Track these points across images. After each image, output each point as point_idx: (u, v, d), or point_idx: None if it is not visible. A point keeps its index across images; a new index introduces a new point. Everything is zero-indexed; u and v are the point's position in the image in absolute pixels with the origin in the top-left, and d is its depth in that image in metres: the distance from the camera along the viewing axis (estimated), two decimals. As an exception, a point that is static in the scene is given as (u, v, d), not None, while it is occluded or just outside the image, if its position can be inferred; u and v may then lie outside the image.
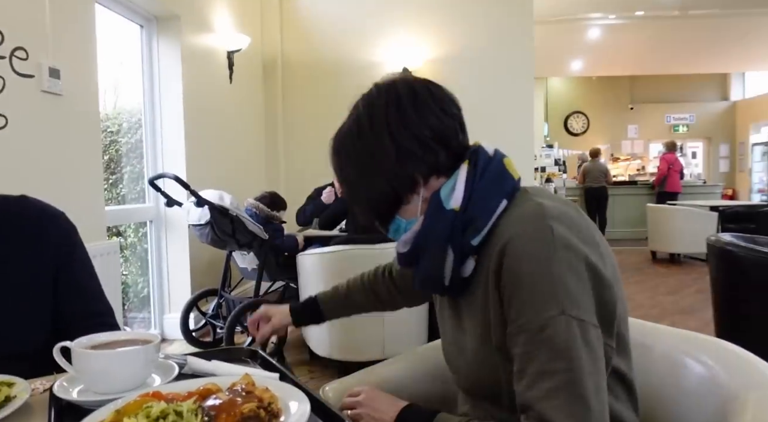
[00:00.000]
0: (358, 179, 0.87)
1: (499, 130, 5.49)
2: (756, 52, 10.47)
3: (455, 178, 0.83)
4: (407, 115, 0.83)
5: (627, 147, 12.92)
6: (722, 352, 0.99)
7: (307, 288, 3.08)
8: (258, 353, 0.99)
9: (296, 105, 5.57)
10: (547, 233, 0.74)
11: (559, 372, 0.69)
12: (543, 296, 0.72)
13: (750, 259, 2.79)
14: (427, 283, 0.88)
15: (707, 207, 6.85)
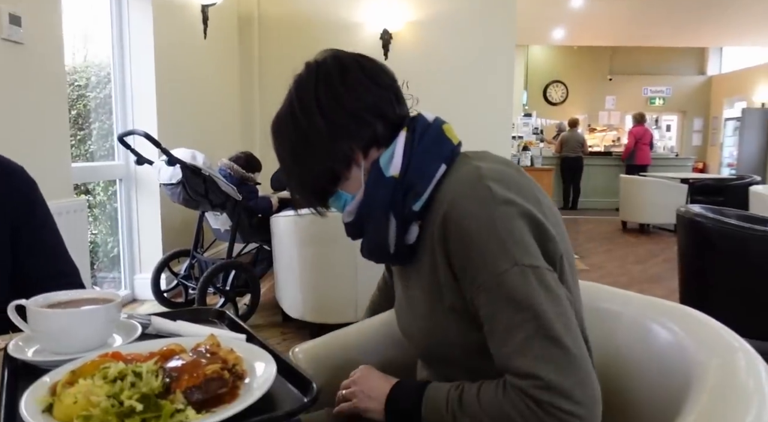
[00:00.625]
0: (294, 161, 0.87)
1: (479, 96, 5.47)
2: (734, 26, 10.52)
3: (394, 146, 0.83)
4: (337, 91, 0.83)
5: (604, 118, 13.00)
6: (688, 319, 1.01)
7: (281, 251, 3.06)
8: (226, 314, 0.97)
9: (273, 64, 5.42)
10: (485, 192, 0.75)
11: (525, 323, 0.70)
12: (493, 253, 0.72)
13: (717, 230, 2.85)
14: (373, 252, 0.89)
15: (678, 179, 6.97)
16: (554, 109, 12.76)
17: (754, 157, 10.60)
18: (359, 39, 5.42)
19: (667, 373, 0.96)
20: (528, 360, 0.68)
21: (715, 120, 12.62)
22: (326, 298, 2.89)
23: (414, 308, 0.91)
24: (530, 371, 0.68)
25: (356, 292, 2.87)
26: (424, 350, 0.94)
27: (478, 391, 0.75)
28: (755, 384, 0.82)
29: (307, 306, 2.92)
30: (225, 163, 3.50)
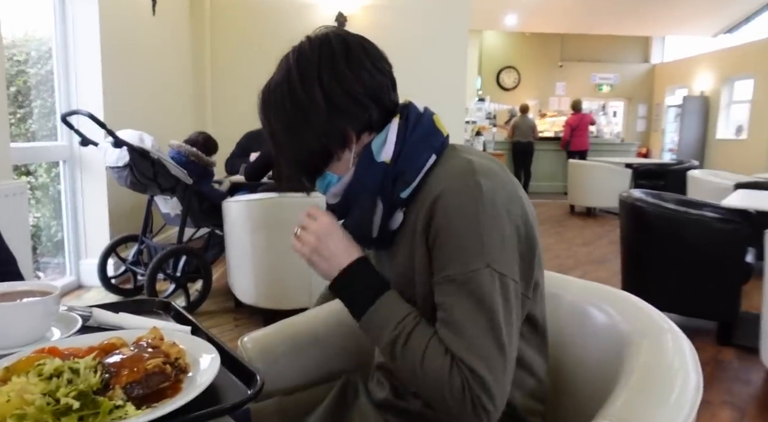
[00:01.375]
0: (287, 134, 0.84)
1: (433, 81, 5.48)
2: (676, 17, 10.89)
3: (386, 132, 0.84)
4: (340, 71, 0.82)
5: (555, 103, 13.28)
6: (622, 302, 1.06)
7: (234, 236, 3.02)
8: (171, 305, 0.95)
9: (225, 44, 5.29)
10: (476, 188, 0.77)
11: (480, 322, 0.74)
12: (470, 249, 0.75)
13: (655, 214, 2.99)
14: (354, 235, 0.88)
15: (623, 164, 7.22)
16: (507, 95, 12.94)
17: (693, 142, 11.08)
18: (313, 21, 5.33)
19: (602, 353, 1.01)
20: (476, 358, 0.73)
21: (658, 107, 13.09)
22: (279, 284, 2.88)
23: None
24: (476, 369, 0.72)
25: (310, 278, 2.86)
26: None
27: (427, 346, 0.76)
28: (680, 363, 0.88)
29: (260, 292, 2.90)
30: (187, 148, 3.38)
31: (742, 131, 10.17)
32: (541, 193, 9.56)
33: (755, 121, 9.69)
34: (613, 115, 13.44)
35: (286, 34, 3.66)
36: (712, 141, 10.94)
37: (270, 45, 6.06)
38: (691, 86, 11.70)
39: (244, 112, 3.58)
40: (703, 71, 11.38)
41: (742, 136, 10.13)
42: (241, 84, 5.27)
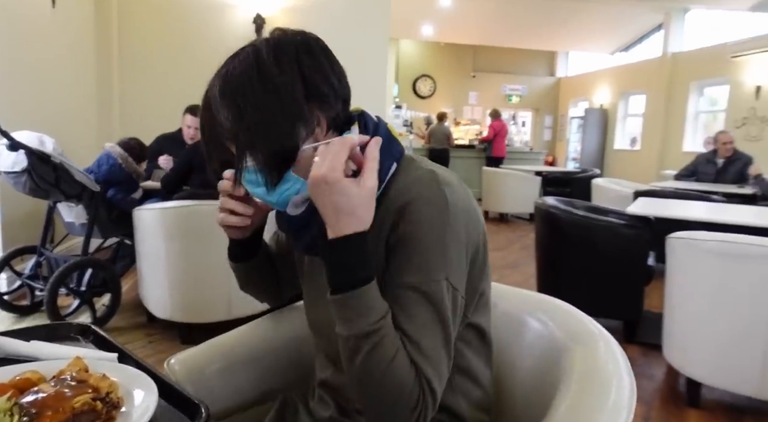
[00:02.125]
0: (260, 122, 0.75)
1: (354, 87, 5.46)
2: (578, 35, 11.65)
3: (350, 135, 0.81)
4: (318, 59, 0.79)
5: (468, 112, 13.74)
6: (556, 310, 1.09)
7: (146, 246, 2.84)
8: (91, 329, 0.86)
9: (135, 42, 4.99)
10: (442, 199, 0.76)
11: (437, 334, 0.74)
12: (434, 260, 0.75)
13: (567, 220, 3.14)
14: (312, 244, 0.83)
15: (533, 172, 7.58)
16: (423, 102, 13.23)
17: (594, 152, 11.86)
18: (230, 21, 5.17)
19: (539, 362, 1.03)
20: (429, 367, 0.72)
21: (562, 118, 13.90)
22: (197, 296, 2.74)
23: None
24: (429, 378, 0.72)
25: (230, 289, 2.74)
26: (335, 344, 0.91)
27: (396, 353, 0.72)
28: (614, 367, 0.91)
29: (176, 305, 2.74)
30: (118, 152, 3.13)
31: (636, 142, 11.02)
32: (456, 199, 9.82)
33: (647, 133, 10.52)
34: (522, 124, 14.11)
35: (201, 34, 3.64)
36: (611, 151, 11.75)
37: (184, 45, 5.86)
38: (592, 99, 12.53)
39: (156, 113, 3.42)
40: (603, 86, 12.22)
41: (636, 147, 10.97)
42: (152, 84, 5.01)
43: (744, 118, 8.26)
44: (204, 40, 5.11)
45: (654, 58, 10.41)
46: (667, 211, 3.07)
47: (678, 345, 2.35)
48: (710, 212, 3.14)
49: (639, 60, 11.23)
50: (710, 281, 2.20)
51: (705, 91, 9.62)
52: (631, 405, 0.81)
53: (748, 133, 8.05)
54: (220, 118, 0.78)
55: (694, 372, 2.27)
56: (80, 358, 0.65)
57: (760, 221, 2.86)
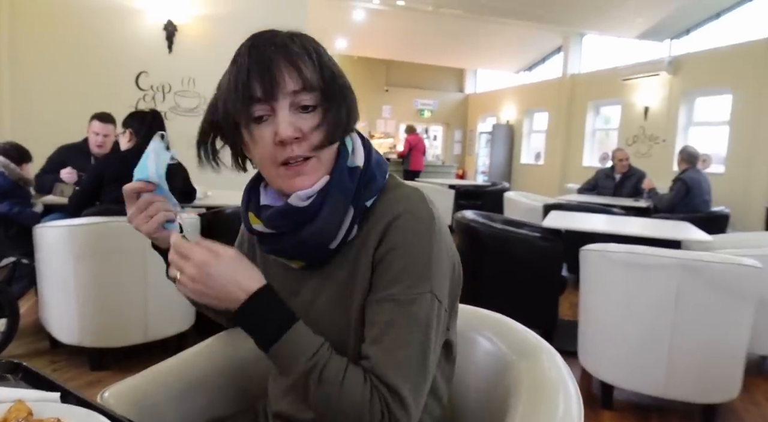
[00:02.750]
0: (344, 84, 0.81)
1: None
2: (486, 53, 12.23)
3: (351, 141, 0.83)
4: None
5: (381, 126, 13.95)
6: (502, 326, 1.13)
7: (50, 266, 2.62)
8: (21, 365, 0.78)
9: (28, 49, 4.60)
10: (431, 215, 0.78)
11: (414, 344, 0.74)
12: (419, 273, 0.75)
13: (487, 233, 3.26)
14: (309, 247, 0.79)
15: (447, 185, 7.81)
16: (337, 115, 13.27)
17: (501, 166, 12.43)
18: (139, 27, 4.93)
19: (488, 378, 1.05)
20: (401, 377, 0.72)
21: (471, 132, 14.48)
22: (110, 319, 2.56)
23: (314, 316, 0.82)
24: (398, 389, 0.71)
25: (146, 310, 2.59)
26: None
27: (344, 375, 0.72)
28: (558, 378, 0.95)
29: (85, 330, 2.54)
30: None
31: (540, 157, 11.68)
32: (372, 211, 9.91)
33: (550, 148, 11.20)
34: (433, 138, 14.53)
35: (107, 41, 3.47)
36: (517, 165, 12.38)
37: (88, 50, 5.50)
38: (499, 115, 13.16)
39: (54, 122, 3.16)
40: (509, 103, 12.88)
41: (540, 162, 11.63)
42: (49, 91, 4.65)
43: (635, 136, 9.02)
44: (110, 46, 4.83)
45: (555, 79, 11.13)
46: (577, 224, 3.27)
47: (592, 351, 2.50)
48: (613, 225, 3.39)
49: (541, 79, 11.96)
50: (619, 290, 2.37)
51: (601, 110, 10.40)
52: (581, 413, 0.85)
53: (638, 150, 8.79)
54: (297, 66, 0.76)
55: (607, 376, 2.42)
56: (22, 402, 0.59)
57: (655, 233, 3.12)
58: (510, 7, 8.40)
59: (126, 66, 4.92)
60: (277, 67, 0.74)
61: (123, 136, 2.78)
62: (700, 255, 2.25)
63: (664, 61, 8.33)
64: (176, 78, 5.10)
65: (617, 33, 9.55)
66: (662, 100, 8.56)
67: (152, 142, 0.82)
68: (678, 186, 4.77)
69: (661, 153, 8.43)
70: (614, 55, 10.19)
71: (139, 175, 0.81)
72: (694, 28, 8.73)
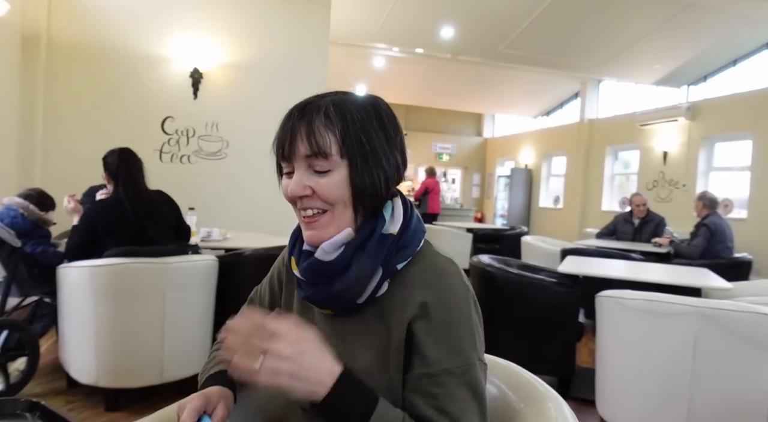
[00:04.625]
0: (380, 146, 0.85)
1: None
2: (504, 98, 12.41)
3: (391, 205, 0.88)
4: (392, 125, 0.88)
5: (400, 169, 14.09)
6: (509, 373, 1.13)
7: (71, 306, 2.67)
8: (40, 404, 0.81)
9: (63, 92, 4.83)
10: (466, 290, 0.86)
11: (475, 410, 0.82)
12: (467, 344, 0.84)
13: (502, 278, 3.25)
14: (337, 299, 0.85)
15: (464, 228, 7.81)
16: (357, 158, 13.47)
17: (520, 209, 12.41)
18: (166, 75, 5.14)
19: (494, 426, 1.06)
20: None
21: (489, 176, 14.54)
22: (127, 360, 2.58)
23: (353, 365, 0.82)
24: None
25: (163, 352, 2.62)
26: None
27: None
28: (564, 428, 0.95)
29: (102, 370, 2.57)
30: (16, 201, 2.96)
31: (559, 201, 11.65)
32: (390, 254, 9.90)
33: (569, 192, 11.17)
34: (452, 181, 14.61)
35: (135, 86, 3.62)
36: (536, 208, 12.35)
37: (117, 96, 5.72)
38: (518, 159, 13.22)
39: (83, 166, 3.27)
40: (527, 147, 12.95)
41: (559, 205, 11.59)
42: (79, 135, 4.84)
43: (654, 181, 8.98)
44: (138, 93, 5.04)
45: (573, 123, 11.21)
46: (594, 270, 3.25)
47: (610, 400, 2.45)
48: (631, 271, 3.35)
49: (559, 124, 12.05)
50: (636, 337, 2.34)
51: (619, 155, 10.41)
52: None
53: (659, 194, 8.74)
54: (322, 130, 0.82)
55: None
56: (39, 440, 0.62)
57: (675, 279, 3.08)
58: (527, 55, 8.58)
59: (153, 111, 5.12)
60: (297, 133, 0.84)
61: (104, 178, 2.84)
62: (718, 303, 2.21)
63: (682, 107, 8.37)
64: (200, 122, 5.28)
65: (635, 79, 9.65)
66: (681, 145, 8.55)
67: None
68: (703, 231, 4.70)
69: (682, 198, 8.35)
70: (632, 100, 10.27)
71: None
72: (711, 75, 8.79)
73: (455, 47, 8.53)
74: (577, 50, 8.43)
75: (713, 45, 7.84)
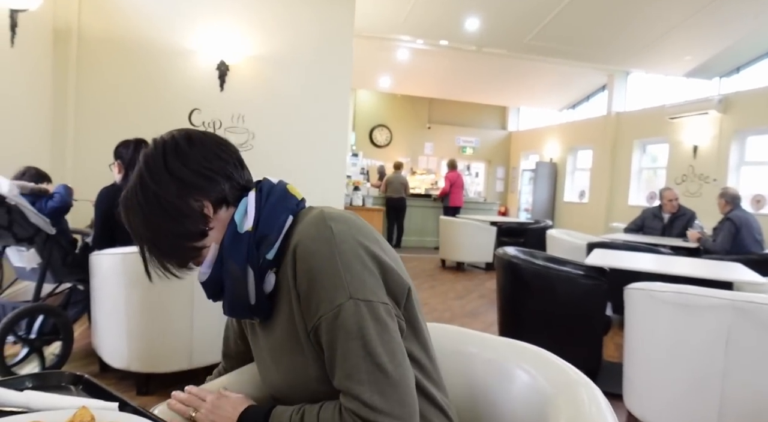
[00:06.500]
0: (150, 228, 0.88)
1: (316, 135, 5.57)
2: (529, 91, 12.26)
3: (245, 204, 0.91)
4: (184, 153, 0.89)
5: (423, 162, 14.06)
6: (540, 360, 1.12)
7: (104, 292, 2.74)
8: (83, 377, 0.83)
9: (93, 85, 4.93)
10: (327, 232, 0.84)
11: (353, 350, 0.79)
12: (333, 287, 0.81)
13: (529, 270, 3.23)
14: (235, 308, 0.92)
15: (488, 222, 7.77)
16: (379, 151, 13.48)
17: (544, 203, 12.28)
18: (193, 67, 5.20)
19: (524, 412, 1.05)
20: (356, 384, 0.78)
21: (514, 170, 14.41)
22: (157, 345, 2.64)
23: (277, 362, 0.94)
24: (358, 394, 0.77)
25: (192, 337, 2.67)
26: (290, 400, 0.94)
27: (319, 411, 0.83)
28: (598, 413, 0.94)
29: (134, 355, 2.63)
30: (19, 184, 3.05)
31: (585, 195, 11.49)
32: (413, 247, 9.91)
33: (594, 186, 11.02)
34: (475, 175, 14.52)
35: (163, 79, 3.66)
36: (561, 202, 12.20)
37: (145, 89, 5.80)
38: (542, 153, 13.07)
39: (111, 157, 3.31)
40: (552, 140, 12.80)
41: (585, 200, 11.44)
42: (109, 127, 4.93)
43: (683, 175, 8.79)
44: (166, 86, 5.11)
45: (599, 116, 11.03)
46: (622, 263, 3.20)
47: (638, 394, 2.42)
48: (660, 264, 3.30)
49: (585, 117, 11.87)
50: (667, 330, 2.30)
51: (647, 149, 10.22)
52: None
53: (688, 189, 8.56)
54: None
55: (654, 419, 2.33)
56: (86, 408, 0.64)
57: (706, 273, 3.02)
58: (554, 47, 8.46)
59: (180, 103, 5.19)
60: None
61: (114, 166, 2.93)
62: (753, 296, 2.17)
63: (714, 100, 8.17)
64: (227, 114, 5.34)
65: (664, 71, 9.45)
66: (712, 138, 8.36)
67: None
68: (727, 226, 4.61)
69: (712, 192, 8.14)
70: (660, 92, 10.06)
71: None
72: (745, 67, 8.56)
73: (480, 39, 8.45)
74: (605, 42, 8.28)
75: (747, 35, 7.63)
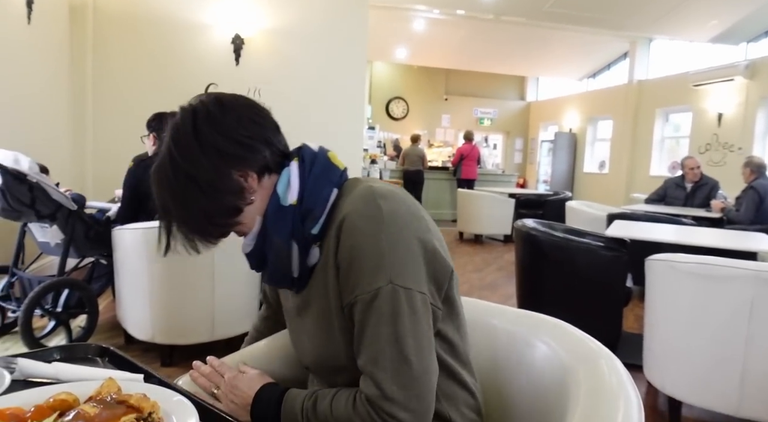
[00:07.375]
0: (185, 208, 0.84)
1: (332, 108, 5.53)
2: (548, 60, 12.00)
3: (288, 174, 0.87)
4: (219, 122, 0.83)
5: (440, 134, 13.94)
6: (559, 331, 1.12)
7: (126, 266, 2.79)
8: (109, 350, 0.85)
9: (110, 60, 4.93)
10: (376, 210, 0.80)
11: (383, 336, 0.77)
12: (374, 267, 0.78)
13: (548, 242, 3.21)
14: (277, 278, 0.91)
15: (506, 194, 7.71)
16: (396, 124, 13.38)
17: (563, 174, 12.14)
18: (208, 41, 5.17)
19: (545, 383, 1.05)
20: (379, 370, 0.76)
21: (532, 141, 14.22)
22: (179, 317, 2.69)
23: (309, 333, 0.93)
24: (379, 381, 0.76)
25: (213, 309, 2.71)
26: (318, 366, 0.96)
27: (332, 399, 0.81)
28: (619, 385, 0.93)
29: (157, 327, 2.69)
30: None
31: (605, 166, 11.32)
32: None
33: (615, 157, 10.84)
34: (493, 147, 14.37)
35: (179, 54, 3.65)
36: (580, 174, 12.05)
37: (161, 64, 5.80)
38: (562, 123, 12.86)
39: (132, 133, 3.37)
40: (571, 110, 12.57)
41: (605, 170, 11.27)
42: (127, 102, 4.95)
43: (707, 144, 8.60)
44: (181, 60, 5.10)
45: (620, 85, 10.78)
46: (643, 234, 3.16)
47: (658, 365, 2.41)
48: (682, 235, 3.25)
49: (606, 86, 11.61)
50: (688, 302, 2.27)
51: (669, 118, 9.99)
52: (641, 419, 0.84)
53: (711, 158, 8.38)
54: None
55: (675, 391, 2.33)
56: (113, 379, 0.65)
57: (729, 243, 2.97)
58: (574, 14, 8.23)
59: (197, 78, 5.17)
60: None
61: (148, 139, 2.96)
62: (777, 267, 2.13)
63: (740, 65, 7.92)
64: (243, 88, 5.22)
65: (688, 37, 9.16)
66: (738, 105, 8.13)
67: None
68: (750, 194, 4.53)
69: (737, 161, 7.96)
70: (684, 59, 9.78)
71: None
72: (774, 30, 8.27)
73: (498, 7, 8.26)
74: (627, 7, 8.02)
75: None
